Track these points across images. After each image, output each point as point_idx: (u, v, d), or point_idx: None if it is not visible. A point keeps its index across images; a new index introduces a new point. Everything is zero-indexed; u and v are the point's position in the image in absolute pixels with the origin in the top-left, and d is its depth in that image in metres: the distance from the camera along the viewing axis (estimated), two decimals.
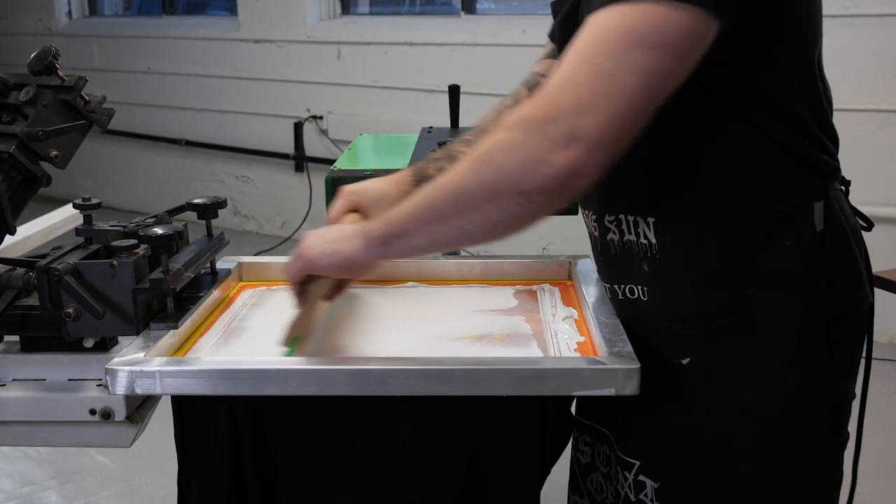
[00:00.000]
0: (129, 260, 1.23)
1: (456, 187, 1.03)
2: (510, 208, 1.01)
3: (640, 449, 1.24)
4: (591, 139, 0.95)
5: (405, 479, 1.21)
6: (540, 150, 0.96)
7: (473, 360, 1.18)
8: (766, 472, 1.17)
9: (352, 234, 1.14)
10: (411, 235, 1.08)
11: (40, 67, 1.30)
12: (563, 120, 0.95)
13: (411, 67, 5.02)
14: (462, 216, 1.04)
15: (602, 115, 0.94)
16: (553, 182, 0.97)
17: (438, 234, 1.07)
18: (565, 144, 0.95)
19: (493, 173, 1.00)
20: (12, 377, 1.27)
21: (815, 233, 1.13)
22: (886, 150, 3.76)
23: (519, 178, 0.98)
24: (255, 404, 1.19)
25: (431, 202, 1.06)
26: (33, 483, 2.91)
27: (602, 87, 0.94)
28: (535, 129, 0.97)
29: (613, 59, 0.94)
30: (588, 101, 0.95)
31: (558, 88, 0.97)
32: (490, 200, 1.01)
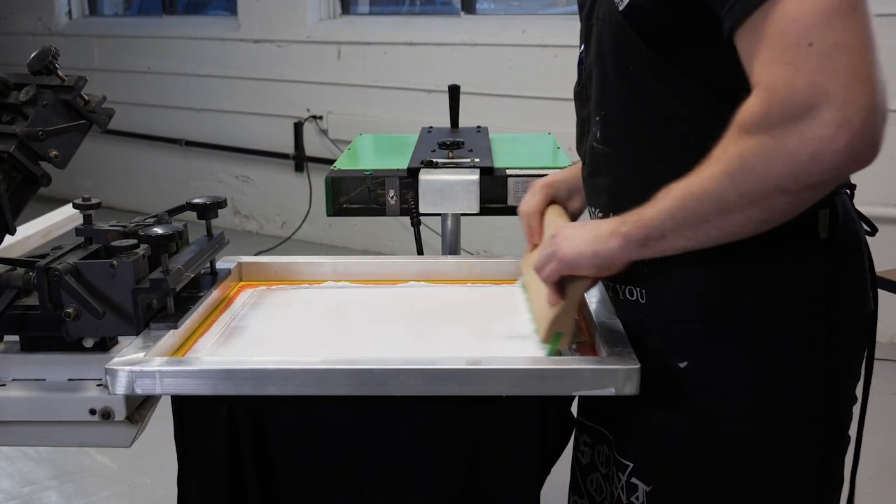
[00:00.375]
0: (129, 260, 1.23)
1: (713, 196, 1.01)
2: (778, 207, 0.99)
3: (634, 451, 1.24)
4: (856, 119, 0.89)
5: (405, 479, 1.21)
6: (806, 150, 0.92)
7: (473, 360, 1.18)
8: (760, 478, 1.17)
9: (608, 234, 1.12)
10: (670, 238, 1.07)
11: (40, 67, 1.30)
12: (816, 112, 0.90)
13: (411, 67, 5.02)
14: (726, 220, 1.02)
15: (853, 89, 0.89)
16: (830, 176, 0.94)
17: (700, 236, 1.06)
18: (832, 137, 0.90)
19: (755, 182, 0.97)
20: (12, 377, 1.27)
21: (819, 240, 1.13)
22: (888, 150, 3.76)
23: (786, 182, 0.95)
24: (255, 404, 1.19)
25: (689, 208, 1.04)
26: (33, 483, 2.90)
27: (834, 62, 0.90)
28: (788, 130, 0.92)
29: (825, 31, 0.90)
30: (830, 81, 0.89)
31: (787, 82, 0.92)
32: (754, 205, 0.99)
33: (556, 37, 4.48)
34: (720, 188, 1.00)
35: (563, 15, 4.92)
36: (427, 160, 1.97)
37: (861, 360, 1.24)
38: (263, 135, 5.68)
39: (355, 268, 1.61)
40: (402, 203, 1.93)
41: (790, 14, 0.92)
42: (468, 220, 2.08)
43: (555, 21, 4.85)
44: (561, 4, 5.23)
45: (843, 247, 1.15)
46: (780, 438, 1.16)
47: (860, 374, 1.25)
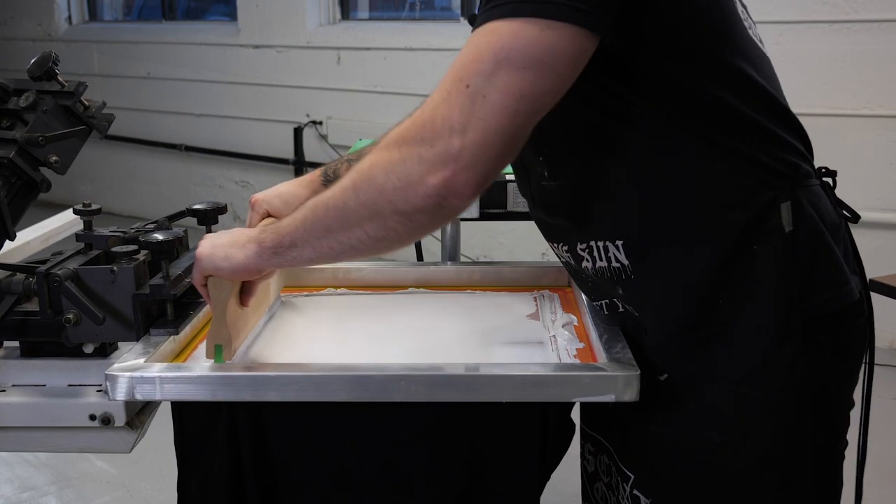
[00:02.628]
0: (129, 265, 1.23)
1: (338, 205, 1.05)
2: (391, 226, 1.03)
3: (635, 463, 1.23)
4: (464, 159, 0.95)
5: (405, 485, 1.21)
6: (416, 171, 0.97)
7: (473, 367, 1.18)
8: (751, 484, 1.16)
9: (246, 240, 1.15)
10: (300, 247, 1.10)
11: (40, 73, 1.30)
12: (437, 141, 0.96)
13: (411, 72, 5.02)
14: (345, 232, 1.06)
15: (473, 135, 0.95)
16: (429, 202, 0.98)
17: (325, 248, 1.09)
18: (439, 165, 0.96)
19: (373, 193, 1.01)
20: (12, 382, 1.27)
21: (785, 234, 1.12)
22: (885, 154, 3.77)
23: (397, 199, 1.00)
24: (255, 410, 1.19)
25: (317, 217, 1.08)
26: (33, 488, 2.90)
27: (473, 108, 0.95)
28: (411, 150, 0.98)
29: (484, 79, 0.95)
30: (460, 121, 0.95)
31: (433, 109, 0.98)
32: (371, 219, 1.03)
33: None
34: (345, 197, 1.04)
35: None
36: None
37: (858, 363, 1.23)
38: (263, 140, 5.68)
39: (355, 274, 1.61)
40: None
41: (472, 51, 0.97)
42: (468, 226, 2.08)
43: None
44: None
45: (812, 238, 1.13)
46: (769, 442, 1.15)
47: (857, 378, 1.24)
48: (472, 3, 5.06)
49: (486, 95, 0.94)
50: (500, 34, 0.95)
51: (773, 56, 1.20)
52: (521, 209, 1.84)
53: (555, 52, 0.95)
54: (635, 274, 1.16)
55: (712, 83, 1.08)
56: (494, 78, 0.94)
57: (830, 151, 1.25)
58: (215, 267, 1.18)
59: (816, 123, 1.20)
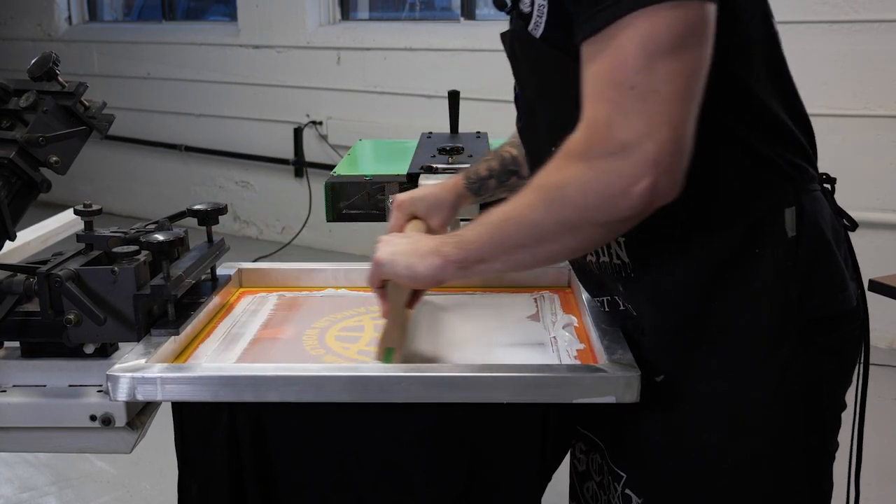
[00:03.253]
0: (130, 266, 1.23)
1: (531, 223, 1.05)
2: (589, 237, 1.05)
3: (626, 462, 1.24)
4: (664, 161, 0.96)
5: (405, 485, 1.21)
6: (618, 185, 0.97)
7: (473, 368, 1.18)
8: (744, 484, 1.16)
9: (427, 251, 1.15)
10: (489, 262, 1.11)
11: (40, 73, 1.30)
12: (630, 151, 0.96)
13: (411, 73, 5.02)
14: (540, 246, 1.07)
15: (664, 133, 0.95)
16: (637, 211, 0.99)
17: (516, 261, 1.10)
18: (641, 175, 0.96)
19: (571, 211, 1.02)
20: (13, 383, 1.27)
21: (787, 239, 1.12)
22: (885, 155, 3.77)
23: (599, 214, 1.00)
24: (256, 410, 1.19)
25: (506, 234, 1.08)
26: (33, 489, 2.90)
27: (651, 107, 0.95)
28: (603, 165, 0.97)
29: (645, 75, 0.94)
30: (645, 125, 0.95)
31: (608, 121, 0.97)
32: (568, 233, 1.04)
33: None
34: (538, 216, 1.05)
35: None
36: (427, 165, 1.97)
37: (852, 366, 1.23)
38: (263, 140, 5.68)
39: (355, 274, 1.61)
40: None
41: (620, 53, 0.96)
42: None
43: None
44: None
45: (814, 244, 1.14)
46: (761, 444, 1.15)
47: (850, 381, 1.24)
48: (473, 3, 5.06)
49: (655, 90, 0.94)
50: (636, 27, 0.94)
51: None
52: None
53: (692, 24, 0.95)
54: (635, 272, 1.16)
55: (744, 74, 1.09)
56: (654, 71, 0.94)
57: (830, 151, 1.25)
58: (396, 274, 1.19)
59: (816, 123, 1.20)
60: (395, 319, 1.23)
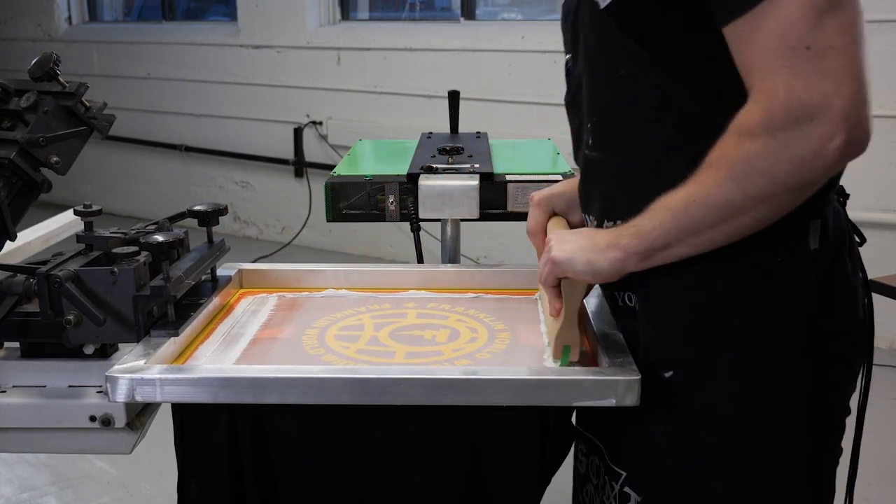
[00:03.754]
0: (129, 267, 1.23)
1: (720, 202, 1.04)
2: (781, 204, 1.03)
3: (626, 460, 1.23)
4: (853, 114, 0.96)
5: (406, 487, 1.21)
6: (810, 149, 0.97)
7: (473, 370, 1.17)
8: (744, 486, 1.16)
9: (605, 245, 1.13)
10: (674, 247, 1.09)
11: (41, 73, 1.30)
12: (818, 113, 0.95)
13: (411, 73, 5.02)
14: (730, 223, 1.05)
15: (848, 86, 0.95)
16: (831, 171, 1.00)
17: (704, 242, 1.08)
18: (833, 133, 0.96)
19: (763, 184, 1.00)
20: (13, 383, 1.27)
21: (809, 252, 1.12)
22: (885, 155, 3.77)
23: (792, 181, 1.00)
24: (256, 412, 1.19)
25: (693, 216, 1.06)
26: (33, 489, 2.90)
27: (830, 63, 0.94)
28: (792, 133, 0.97)
29: (818, 33, 0.94)
30: (829, 82, 0.95)
31: (787, 88, 0.96)
32: (760, 205, 1.03)
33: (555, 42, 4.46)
34: (727, 193, 1.03)
35: None
36: (427, 166, 1.97)
37: (857, 371, 1.23)
38: (263, 140, 5.68)
39: (356, 275, 1.61)
40: (402, 209, 1.93)
41: (787, 17, 0.95)
42: (468, 226, 2.07)
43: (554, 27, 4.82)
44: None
45: (834, 258, 1.14)
46: (765, 449, 1.15)
47: (855, 385, 1.23)
48: (473, 3, 5.06)
49: (831, 45, 0.94)
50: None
51: None
52: (520, 209, 1.84)
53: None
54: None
55: None
56: (825, 26, 0.94)
57: None
58: (575, 272, 1.16)
59: None
60: (570, 317, 1.20)
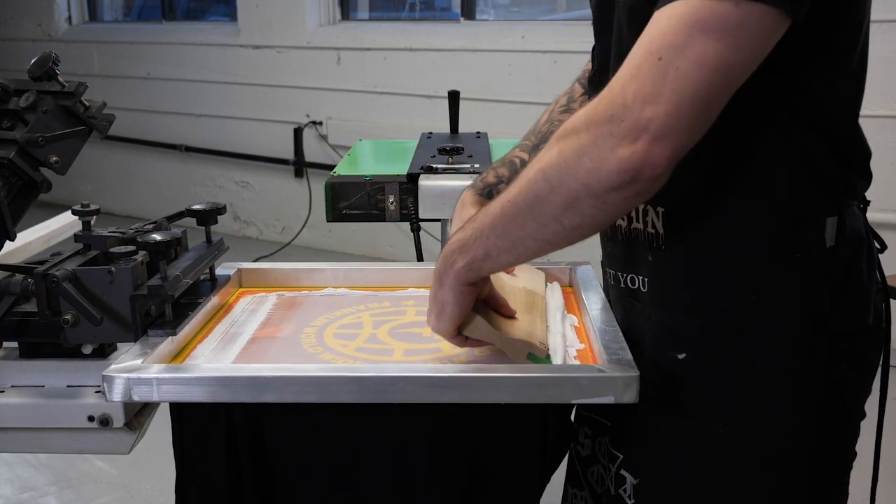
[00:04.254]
0: (127, 266, 1.22)
1: (529, 200, 1.02)
2: (587, 213, 0.99)
3: (626, 443, 1.23)
4: (656, 129, 0.92)
5: (405, 487, 1.20)
6: (608, 147, 0.94)
7: (472, 368, 1.17)
8: (744, 483, 1.16)
9: (442, 274, 1.11)
10: (496, 257, 1.07)
11: (40, 73, 1.30)
12: (628, 114, 0.93)
13: (411, 73, 5.03)
14: (542, 228, 1.02)
15: (666, 105, 0.92)
16: (623, 178, 0.94)
17: (521, 249, 1.06)
18: (630, 138, 0.93)
19: (567, 178, 0.98)
20: (10, 383, 1.27)
21: (825, 248, 1.12)
22: (885, 155, 3.77)
23: (591, 180, 0.96)
24: (254, 411, 1.19)
25: (507, 218, 1.04)
26: (32, 489, 2.90)
27: (665, 80, 0.92)
28: (602, 128, 0.95)
29: (677, 51, 0.92)
30: (651, 92, 0.92)
31: (623, 85, 0.94)
32: (566, 208, 0.99)
33: (555, 42, 4.49)
34: (535, 189, 1.01)
35: (563, 21, 4.93)
36: (427, 166, 1.97)
37: (873, 374, 1.22)
38: (263, 140, 5.68)
39: (355, 274, 1.61)
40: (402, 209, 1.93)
41: (663, 24, 0.94)
42: None
43: (554, 27, 4.86)
44: (560, 10, 5.24)
45: (849, 258, 1.14)
46: (769, 446, 1.14)
47: (870, 389, 1.23)
48: (473, 3, 5.06)
49: (679, 67, 0.92)
50: (695, 6, 0.92)
51: None
52: None
53: (750, 26, 0.92)
54: (666, 244, 1.15)
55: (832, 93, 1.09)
56: (688, 49, 0.92)
57: None
58: (449, 319, 1.14)
59: None
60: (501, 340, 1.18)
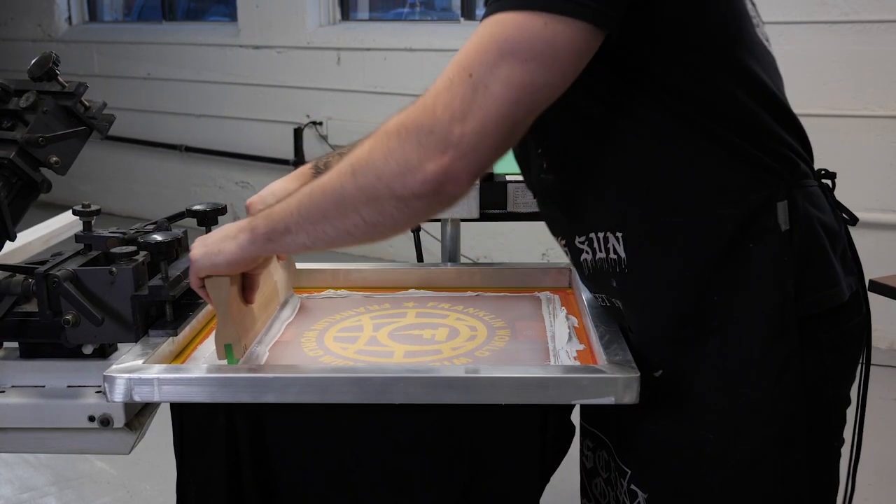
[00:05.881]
0: (128, 266, 1.23)
1: (335, 189, 1.06)
2: (388, 212, 1.04)
3: (631, 458, 1.23)
4: (462, 147, 0.97)
5: (404, 487, 1.21)
6: (415, 156, 0.98)
7: (473, 369, 1.17)
8: (741, 480, 1.16)
9: (237, 230, 1.15)
10: (294, 233, 1.10)
11: (41, 73, 1.30)
12: (437, 127, 0.97)
13: (411, 73, 5.02)
14: (342, 217, 1.06)
15: (473, 124, 0.96)
16: (427, 188, 0.99)
17: (321, 233, 1.09)
18: (438, 152, 0.97)
19: (372, 178, 1.02)
20: (11, 384, 1.27)
21: (781, 233, 1.12)
22: (885, 155, 3.77)
23: (395, 184, 1.00)
24: (254, 411, 1.19)
25: (313, 202, 1.08)
26: (32, 489, 2.90)
27: (474, 97, 0.96)
28: (411, 136, 0.99)
29: (486, 69, 0.96)
30: (460, 109, 0.96)
31: (435, 96, 0.99)
32: (368, 203, 1.04)
33: None
34: (342, 181, 1.05)
35: None
36: None
37: (855, 362, 1.23)
38: (263, 140, 5.68)
39: (356, 275, 1.61)
40: None
41: (476, 41, 0.98)
42: (468, 226, 2.07)
43: None
44: None
45: (807, 238, 1.14)
46: (761, 439, 1.15)
47: (854, 376, 1.23)
48: (473, 3, 5.06)
49: (487, 85, 0.96)
50: (505, 26, 0.96)
51: (774, 56, 1.21)
52: (521, 210, 1.84)
53: (558, 45, 0.96)
54: (629, 267, 1.16)
55: (719, 78, 1.09)
56: (497, 69, 0.96)
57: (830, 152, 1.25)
58: (212, 264, 1.17)
59: (816, 124, 1.20)
60: (223, 315, 1.20)
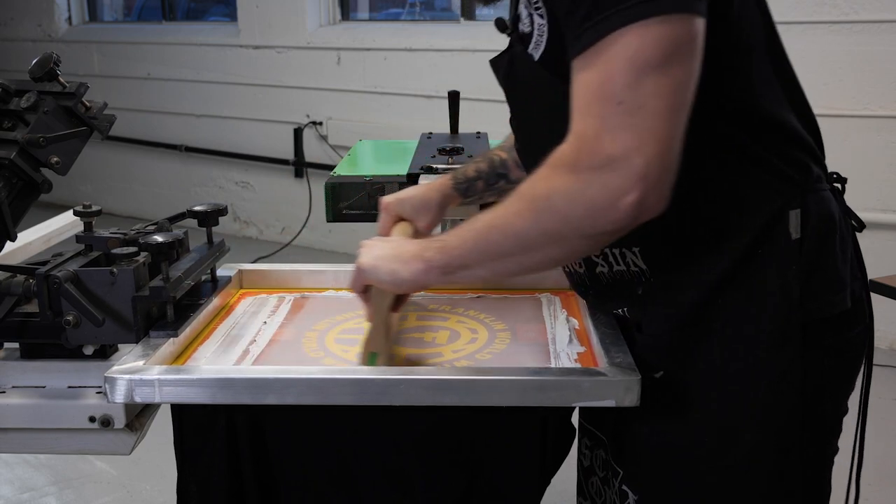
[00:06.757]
0: (128, 267, 1.23)
1: (517, 232, 1.05)
2: (574, 248, 1.06)
3: (624, 459, 1.24)
4: (652, 175, 0.96)
5: (405, 487, 1.21)
6: (604, 198, 0.97)
7: (473, 370, 1.17)
8: (733, 484, 1.16)
9: (411, 257, 1.15)
10: (473, 268, 1.11)
11: (41, 74, 1.30)
12: (618, 165, 0.96)
13: (411, 73, 5.02)
14: (525, 255, 1.07)
15: (652, 147, 0.95)
16: (623, 224, 0.99)
17: (500, 269, 1.10)
18: (630, 188, 0.96)
19: (557, 222, 1.02)
20: (12, 384, 1.27)
21: (791, 241, 1.13)
22: (885, 155, 3.77)
23: (585, 225, 1.00)
24: (255, 412, 1.19)
25: (490, 241, 1.08)
26: (33, 489, 2.90)
27: (637, 122, 0.95)
28: (592, 177, 0.97)
29: (633, 91, 0.95)
30: (633, 139, 0.95)
31: (596, 136, 0.97)
32: (554, 244, 1.04)
33: None
34: (523, 225, 1.05)
35: None
36: (427, 166, 1.97)
37: (855, 370, 1.23)
38: (263, 141, 5.68)
39: None
40: None
41: (609, 68, 0.96)
42: None
43: None
44: None
45: (816, 246, 1.14)
46: (756, 443, 1.15)
47: (853, 385, 1.23)
48: (473, 3, 5.06)
49: (642, 105, 0.95)
50: (624, 44, 0.95)
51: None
52: None
53: (680, 39, 0.96)
54: (654, 277, 1.17)
55: (749, 83, 1.10)
56: (642, 86, 0.95)
57: (830, 152, 1.25)
58: (378, 280, 1.19)
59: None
60: (378, 324, 1.22)
